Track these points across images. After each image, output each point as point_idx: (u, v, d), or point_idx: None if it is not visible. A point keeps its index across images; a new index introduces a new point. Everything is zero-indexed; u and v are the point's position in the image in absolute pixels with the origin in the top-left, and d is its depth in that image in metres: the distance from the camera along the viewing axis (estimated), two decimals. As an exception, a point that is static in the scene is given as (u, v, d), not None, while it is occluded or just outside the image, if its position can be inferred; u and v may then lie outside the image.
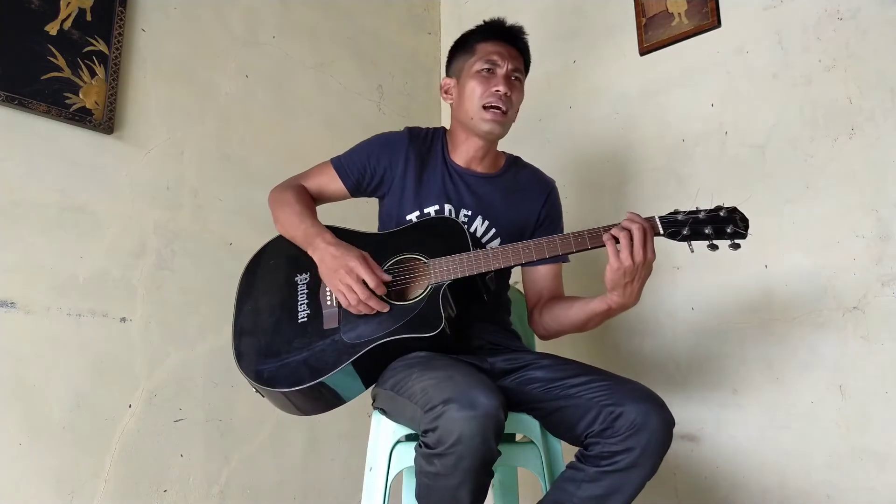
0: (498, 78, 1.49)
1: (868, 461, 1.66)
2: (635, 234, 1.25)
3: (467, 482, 1.09)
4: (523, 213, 1.57)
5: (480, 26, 1.58)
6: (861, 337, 1.70)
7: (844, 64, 1.80)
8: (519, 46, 1.57)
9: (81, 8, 1.79)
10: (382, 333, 1.31)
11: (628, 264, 1.24)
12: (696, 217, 1.28)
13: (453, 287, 1.35)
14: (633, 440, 1.17)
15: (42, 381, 1.64)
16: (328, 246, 1.38)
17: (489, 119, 1.48)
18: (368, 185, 1.57)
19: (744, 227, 1.27)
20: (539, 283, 1.56)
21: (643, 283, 1.30)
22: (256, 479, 1.99)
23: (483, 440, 1.06)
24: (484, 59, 1.51)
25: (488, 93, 1.48)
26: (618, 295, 1.30)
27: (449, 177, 1.55)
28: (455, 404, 1.07)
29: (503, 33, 1.56)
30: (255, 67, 2.20)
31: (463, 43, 1.58)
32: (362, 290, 1.32)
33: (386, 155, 1.55)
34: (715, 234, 1.27)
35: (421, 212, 1.51)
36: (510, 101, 1.50)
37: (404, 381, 1.24)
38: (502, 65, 1.50)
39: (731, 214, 1.27)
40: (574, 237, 1.31)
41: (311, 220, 1.47)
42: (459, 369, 1.19)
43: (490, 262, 1.34)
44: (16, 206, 1.65)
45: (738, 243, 1.26)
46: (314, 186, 1.59)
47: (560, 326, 1.48)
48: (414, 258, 1.41)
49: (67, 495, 1.64)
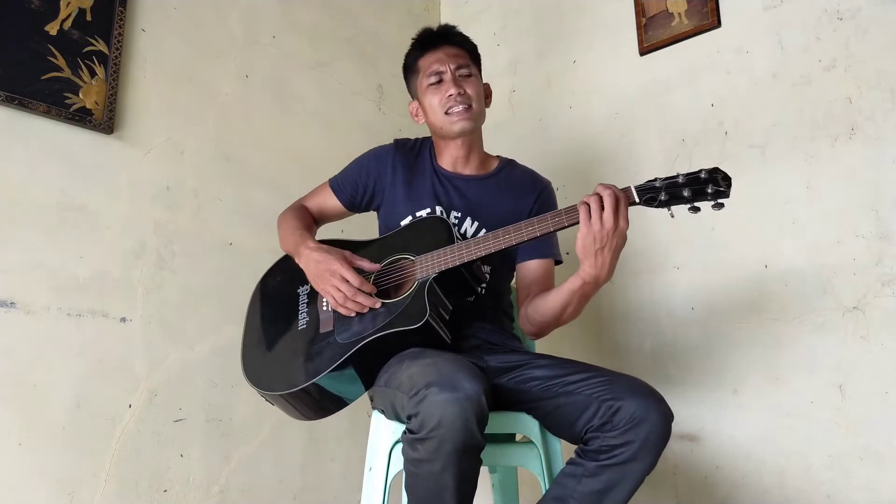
0: (447, 83, 1.54)
1: (868, 461, 1.66)
2: (606, 200, 1.23)
3: (450, 467, 1.09)
4: (515, 210, 1.57)
5: (414, 42, 1.63)
6: (861, 337, 1.70)
7: (844, 64, 1.80)
8: (454, 42, 1.60)
9: (81, 8, 1.79)
10: (372, 329, 1.33)
11: (597, 228, 1.22)
12: (675, 181, 1.22)
13: (441, 281, 1.37)
14: (633, 433, 1.18)
15: (42, 381, 1.64)
16: (311, 252, 1.44)
17: (456, 120, 1.53)
18: (362, 199, 1.64)
19: (726, 186, 1.20)
20: (528, 278, 1.56)
21: (616, 253, 1.27)
22: (256, 479, 1.99)
23: (464, 423, 1.07)
24: (428, 73, 1.56)
25: (444, 99, 1.53)
26: (589, 265, 1.27)
27: (438, 181, 1.59)
28: (436, 387, 1.08)
29: (435, 40, 1.60)
30: (255, 67, 2.20)
31: (408, 66, 1.64)
32: (348, 288, 1.36)
33: (375, 167, 1.62)
34: (694, 195, 1.21)
35: (413, 217, 1.55)
36: (467, 96, 1.53)
37: (395, 374, 1.25)
38: (444, 70, 1.55)
39: (712, 175, 1.21)
40: (552, 216, 1.31)
41: (301, 232, 1.53)
42: (445, 357, 1.20)
43: (472, 251, 1.35)
44: (16, 206, 1.65)
45: (721, 202, 1.20)
46: (314, 206, 1.68)
47: (542, 317, 1.47)
48: (403, 258, 1.44)
49: (67, 495, 1.64)
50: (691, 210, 1.23)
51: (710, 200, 1.21)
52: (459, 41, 1.61)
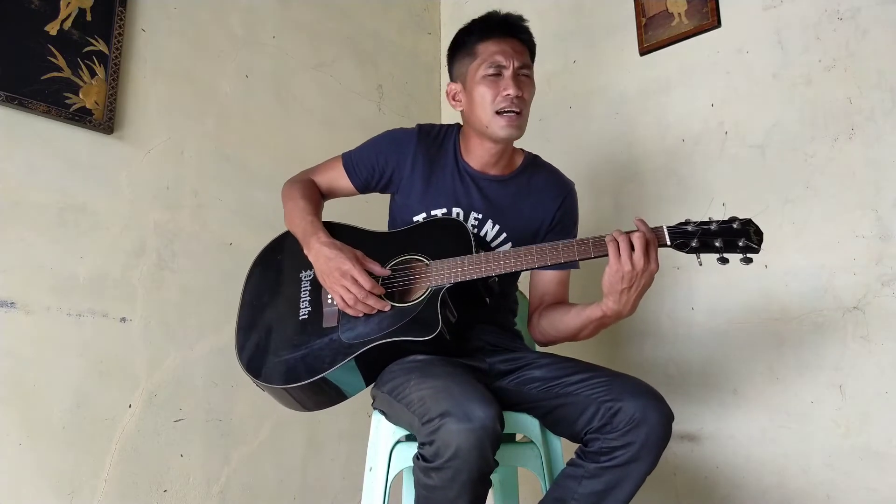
0: (506, 80, 1.41)
1: (868, 461, 1.66)
2: (636, 242, 1.21)
3: (464, 495, 1.09)
4: (537, 216, 1.52)
5: (477, 23, 1.48)
6: (861, 337, 1.70)
7: (844, 64, 1.80)
8: (522, 38, 1.47)
9: (81, 8, 1.79)
10: (380, 335, 1.30)
11: (627, 269, 1.21)
12: (707, 229, 1.21)
13: (453, 290, 1.34)
14: (633, 435, 1.17)
15: (42, 381, 1.64)
16: (322, 246, 1.37)
17: (505, 125, 1.41)
18: (378, 183, 1.55)
19: (757, 242, 1.20)
20: (543, 288, 1.53)
21: (641, 293, 1.25)
22: (256, 479, 1.99)
23: (480, 453, 1.06)
24: (488, 63, 1.42)
25: (500, 97, 1.41)
26: (613, 301, 1.26)
27: (460, 179, 1.50)
28: (451, 417, 1.06)
29: (503, 28, 1.45)
30: (255, 67, 2.20)
31: (462, 44, 1.49)
32: (359, 290, 1.31)
33: (394, 154, 1.51)
34: (725, 247, 1.20)
35: (428, 214, 1.49)
36: (523, 101, 1.42)
37: (402, 388, 1.23)
38: (507, 65, 1.41)
39: (745, 227, 1.20)
40: (578, 244, 1.27)
41: (312, 218, 1.44)
42: (456, 379, 1.18)
43: (492, 268, 1.31)
44: (16, 206, 1.65)
45: (749, 258, 1.19)
46: (324, 182, 1.57)
47: (556, 332, 1.46)
48: (416, 259, 1.40)
49: (67, 495, 1.64)
50: (720, 261, 1.21)
51: (740, 254, 1.20)
52: (526, 39, 1.48)
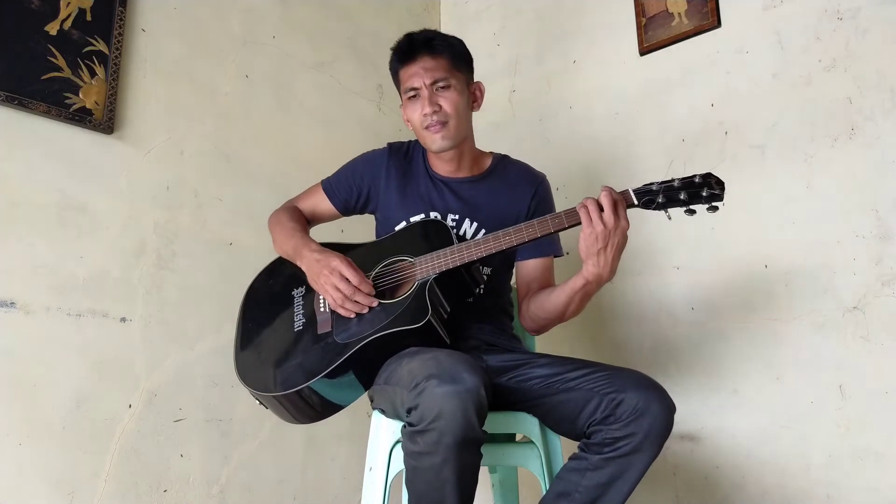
0: (422, 100, 1.49)
1: (868, 461, 1.66)
2: (605, 202, 1.26)
3: (451, 460, 1.10)
4: (513, 209, 1.57)
5: (394, 51, 1.56)
6: (861, 337, 1.70)
7: (844, 64, 1.80)
8: (434, 52, 1.51)
9: (81, 8, 1.79)
10: (372, 330, 1.33)
11: (600, 229, 1.25)
12: (671, 185, 1.27)
13: (441, 281, 1.37)
14: (636, 425, 1.19)
15: (42, 381, 1.64)
16: (312, 253, 1.45)
17: (435, 138, 1.50)
18: (356, 203, 1.64)
19: (720, 190, 1.26)
20: (528, 276, 1.57)
21: (618, 251, 1.29)
22: (256, 479, 1.99)
23: (464, 415, 1.07)
24: (405, 87, 1.53)
25: (420, 116, 1.50)
26: (592, 264, 1.30)
27: (433, 185, 1.58)
28: (436, 380, 1.09)
29: (412, 50, 1.52)
30: (255, 67, 2.19)
31: (393, 74, 1.59)
32: (346, 286, 1.36)
33: (369, 172, 1.61)
34: (690, 198, 1.26)
35: (408, 222, 1.55)
36: (443, 113, 1.49)
37: (394, 371, 1.26)
38: (419, 85, 1.49)
39: (706, 179, 1.26)
40: (552, 218, 1.33)
41: (300, 235, 1.53)
42: (445, 351, 1.21)
43: (473, 252, 1.36)
44: (16, 206, 1.65)
45: (715, 205, 1.26)
46: (307, 207, 1.67)
47: (545, 313, 1.48)
48: (401, 260, 1.44)
49: (67, 495, 1.64)
50: (687, 213, 1.28)
51: (705, 203, 1.26)
52: (438, 49, 1.51)
